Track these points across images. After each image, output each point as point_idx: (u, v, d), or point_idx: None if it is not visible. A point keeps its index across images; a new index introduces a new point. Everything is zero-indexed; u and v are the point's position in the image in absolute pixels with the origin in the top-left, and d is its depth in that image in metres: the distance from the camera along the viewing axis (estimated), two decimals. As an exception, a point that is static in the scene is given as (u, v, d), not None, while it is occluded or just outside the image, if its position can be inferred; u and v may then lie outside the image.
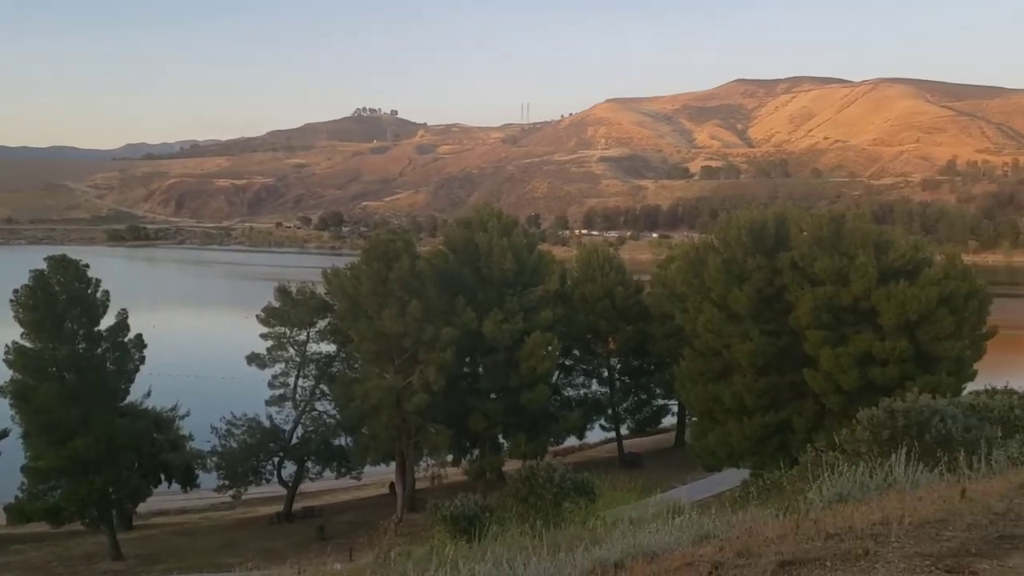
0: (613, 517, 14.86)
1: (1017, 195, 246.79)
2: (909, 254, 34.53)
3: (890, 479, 7.31)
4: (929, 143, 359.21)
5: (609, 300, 50.00)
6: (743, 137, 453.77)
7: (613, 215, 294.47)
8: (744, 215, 38.49)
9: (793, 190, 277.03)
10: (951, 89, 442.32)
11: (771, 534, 5.18)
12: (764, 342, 34.73)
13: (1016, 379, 30.39)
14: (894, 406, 11.56)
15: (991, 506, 4.76)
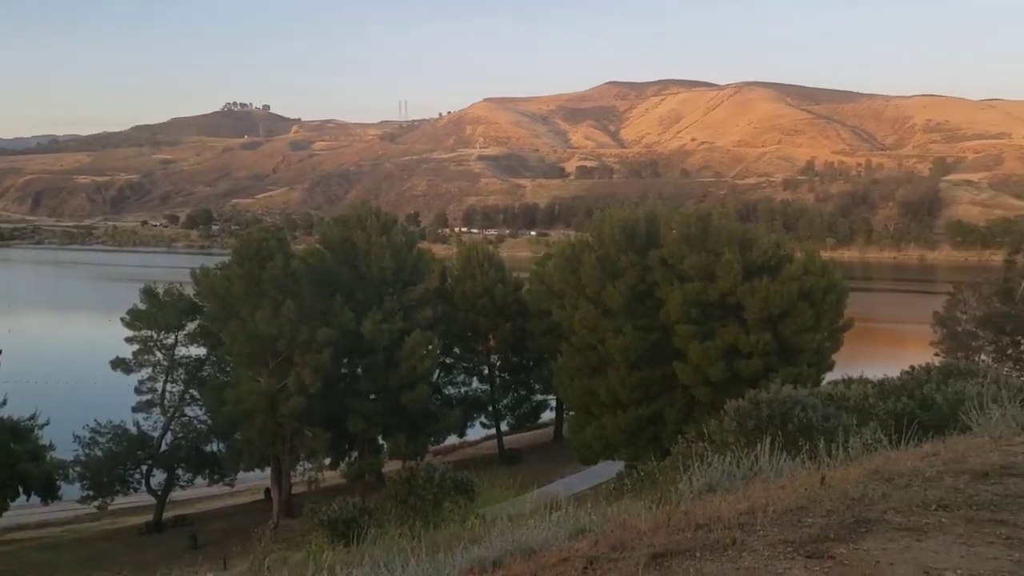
0: (493, 514, 14.92)
1: (870, 194, 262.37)
2: (771, 251, 36.06)
3: (756, 468, 7.56)
4: (789, 145, 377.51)
5: (489, 298, 50.22)
6: (616, 138, 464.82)
7: (492, 213, 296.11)
8: (617, 214, 39.36)
9: (663, 190, 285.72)
10: (810, 93, 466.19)
11: (644, 526, 5.28)
12: (637, 337, 35.62)
13: (870, 369, 32.22)
14: (759, 397, 12.05)
15: (848, 492, 5.00)
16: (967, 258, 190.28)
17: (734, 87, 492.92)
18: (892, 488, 5.05)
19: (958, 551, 3.99)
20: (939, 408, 12.78)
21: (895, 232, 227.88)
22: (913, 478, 5.24)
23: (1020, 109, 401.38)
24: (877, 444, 7.92)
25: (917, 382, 14.92)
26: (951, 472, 5.30)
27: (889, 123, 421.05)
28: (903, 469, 5.54)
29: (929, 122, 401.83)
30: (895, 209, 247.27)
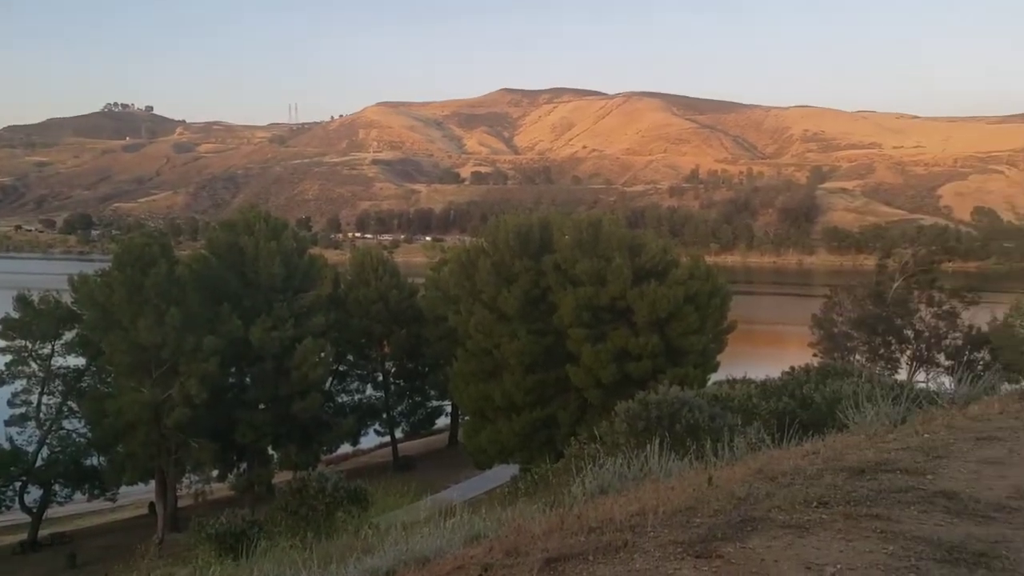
0: (387, 523, 14.74)
1: (751, 201, 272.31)
2: (659, 256, 36.96)
3: (646, 469, 7.69)
4: (675, 153, 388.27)
5: (383, 303, 49.68)
6: (510, 144, 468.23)
7: (387, 218, 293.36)
8: (511, 220, 39.59)
9: (556, 196, 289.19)
10: (694, 103, 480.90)
11: (538, 530, 5.29)
12: (531, 341, 35.90)
13: (753, 369, 33.42)
14: (648, 399, 12.30)
15: (734, 491, 5.14)
16: (842, 262, 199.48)
17: (623, 96, 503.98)
18: (776, 487, 5.22)
19: (837, 546, 4.15)
20: (818, 407, 13.33)
21: (775, 237, 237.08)
22: (795, 476, 5.43)
23: (890, 121, 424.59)
24: (761, 443, 8.19)
25: (797, 382, 15.53)
26: (830, 470, 5.52)
27: (769, 133, 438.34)
28: (786, 468, 5.74)
29: (806, 132, 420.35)
30: (775, 215, 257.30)
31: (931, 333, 50.27)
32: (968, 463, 5.57)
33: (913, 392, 9.10)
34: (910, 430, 6.84)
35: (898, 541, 4.18)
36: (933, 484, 5.09)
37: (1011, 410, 7.37)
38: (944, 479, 5.21)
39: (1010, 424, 6.73)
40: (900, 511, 4.61)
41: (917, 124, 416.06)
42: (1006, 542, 4.18)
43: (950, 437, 6.33)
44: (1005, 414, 7.21)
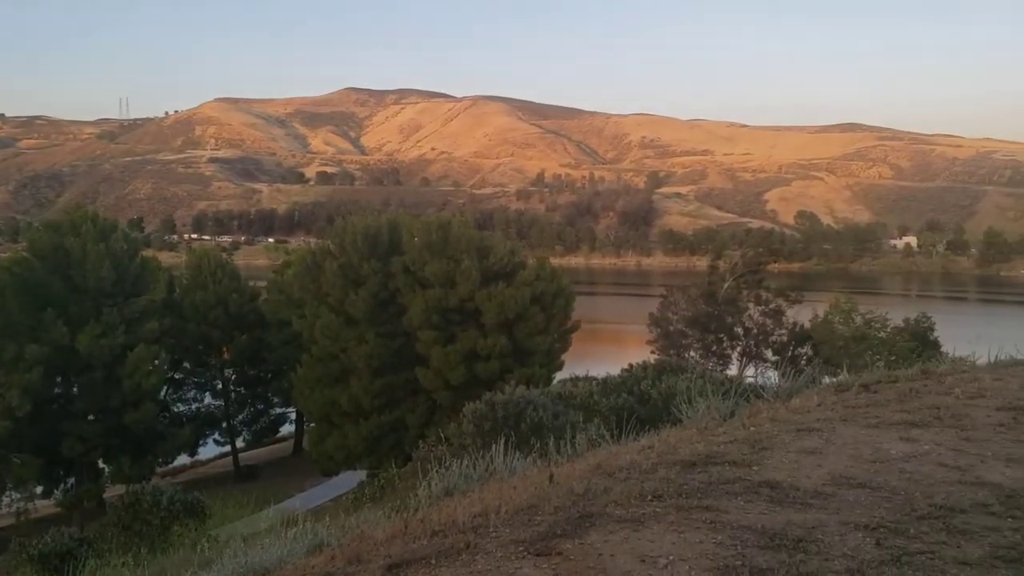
0: (226, 535, 14.21)
1: (594, 205, 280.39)
2: (507, 258, 37.48)
3: (491, 469, 7.74)
4: (522, 157, 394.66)
5: (223, 308, 47.79)
6: (357, 145, 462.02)
7: (226, 219, 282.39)
8: (359, 221, 39.11)
9: (404, 197, 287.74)
10: (539, 109, 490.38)
11: (381, 536, 5.23)
12: (380, 344, 35.57)
13: (595, 367, 34.40)
14: (494, 399, 12.42)
15: (573, 488, 5.25)
16: (678, 264, 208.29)
17: (470, 100, 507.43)
18: (613, 482, 5.37)
19: (670, 538, 4.32)
20: (655, 402, 13.87)
21: (616, 240, 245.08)
22: (631, 471, 5.61)
23: (721, 129, 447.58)
24: (601, 440, 8.40)
25: (635, 379, 16.11)
26: (664, 463, 5.74)
27: (609, 139, 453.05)
28: (623, 463, 5.92)
29: (644, 139, 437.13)
30: (615, 219, 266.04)
31: (759, 330, 53.28)
32: (789, 453, 5.92)
33: (741, 387, 9.59)
34: (738, 423, 7.21)
35: (726, 530, 4.39)
36: (758, 475, 5.39)
37: (828, 402, 7.91)
38: (768, 469, 5.52)
39: (827, 416, 7.21)
40: (728, 501, 4.85)
41: (745, 132, 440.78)
42: (822, 527, 4.48)
43: (774, 429, 6.71)
44: (823, 406, 7.72)
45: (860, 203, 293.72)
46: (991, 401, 7.77)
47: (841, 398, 8.10)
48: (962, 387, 8.29)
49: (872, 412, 7.23)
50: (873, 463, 5.68)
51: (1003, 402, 7.72)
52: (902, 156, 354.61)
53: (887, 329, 50.59)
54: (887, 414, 7.13)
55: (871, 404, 7.64)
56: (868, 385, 8.55)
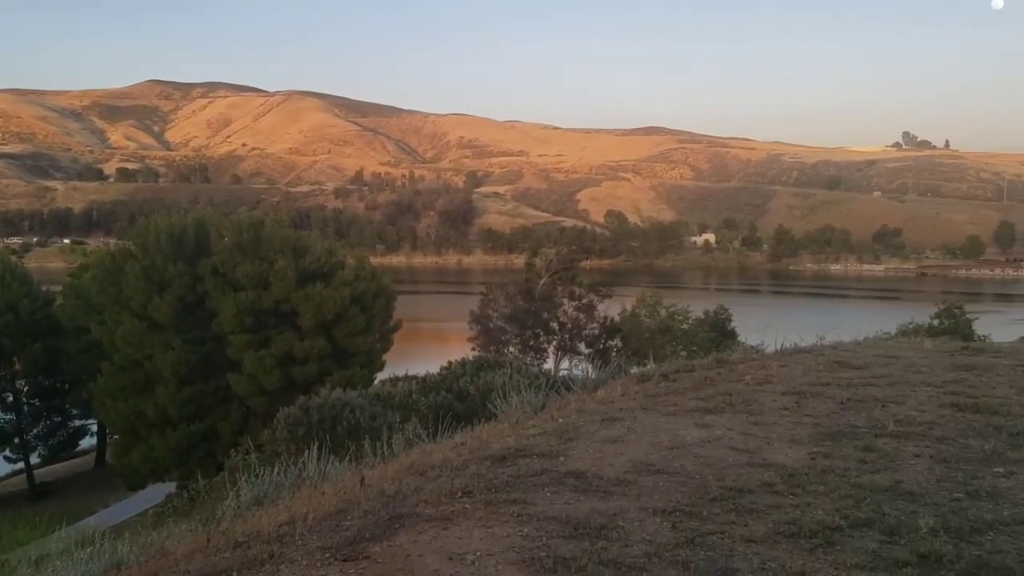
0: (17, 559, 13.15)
1: (414, 204, 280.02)
2: (324, 257, 36.72)
3: (304, 475, 7.56)
4: (339, 155, 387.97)
5: (13, 315, 44.00)
6: (161, 140, 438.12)
7: (15, 219, 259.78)
8: (164, 220, 37.11)
9: (214, 195, 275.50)
10: (357, 106, 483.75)
11: (183, 552, 4.99)
12: (188, 350, 33.93)
13: (416, 366, 34.35)
14: (309, 403, 12.14)
15: (384, 490, 5.21)
16: (496, 262, 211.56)
17: (283, 95, 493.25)
18: (425, 481, 5.38)
19: (479, 534, 4.37)
20: (472, 398, 14.02)
21: (436, 239, 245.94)
22: (443, 469, 5.64)
23: (535, 131, 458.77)
24: (417, 439, 8.39)
25: (454, 376, 16.22)
26: (475, 459, 5.80)
27: (428, 138, 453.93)
28: (435, 461, 5.94)
29: (462, 139, 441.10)
30: (436, 218, 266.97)
31: (573, 324, 54.96)
32: (594, 443, 6.15)
33: (552, 380, 9.85)
34: (548, 416, 7.41)
35: (532, 522, 4.50)
36: (564, 465, 5.56)
37: (631, 392, 8.28)
38: (574, 460, 5.70)
39: (629, 405, 7.55)
40: (535, 493, 4.97)
41: (559, 135, 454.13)
42: (623, 513, 4.68)
43: (580, 420, 6.95)
44: (626, 396, 8.08)
45: (664, 203, 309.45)
46: (777, 387, 8.40)
47: (643, 388, 8.49)
48: (752, 374, 8.91)
49: (671, 400, 7.64)
50: (671, 449, 5.99)
51: (788, 387, 8.37)
52: (701, 158, 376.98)
53: (689, 321, 53.65)
54: (684, 402, 7.55)
55: (670, 393, 8.06)
56: (667, 375, 9.02)
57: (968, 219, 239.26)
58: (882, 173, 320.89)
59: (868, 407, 7.52)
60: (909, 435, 6.63)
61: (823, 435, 6.54)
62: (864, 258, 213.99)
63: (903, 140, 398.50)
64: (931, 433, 6.71)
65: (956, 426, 6.96)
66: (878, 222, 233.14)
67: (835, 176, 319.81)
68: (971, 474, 5.67)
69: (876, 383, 8.69)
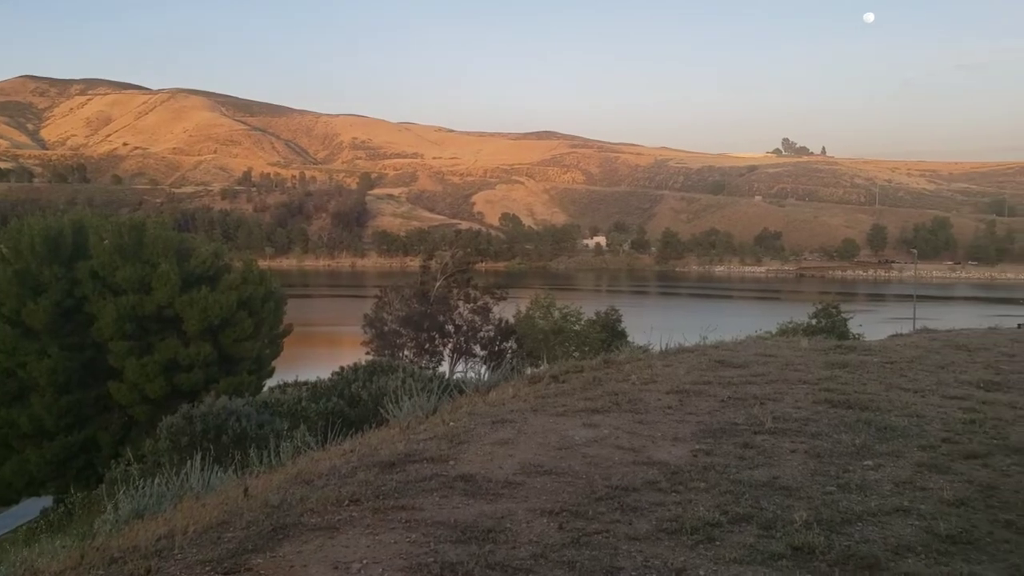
0: None
1: (305, 205, 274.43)
2: (210, 260, 35.61)
3: (186, 486, 7.34)
4: (226, 155, 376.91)
5: None
6: (35, 138, 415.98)
7: None
8: (38, 222, 35.24)
9: (93, 196, 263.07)
10: (245, 105, 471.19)
11: (55, 569, 4.76)
12: (65, 357, 32.32)
13: (308, 372, 33.72)
14: (192, 412, 11.76)
15: (268, 500, 5.10)
16: (391, 264, 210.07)
17: (168, 92, 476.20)
18: (311, 489, 5.29)
19: (365, 542, 4.33)
20: (365, 404, 13.85)
21: (329, 241, 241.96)
22: (331, 477, 5.56)
23: (430, 133, 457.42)
24: (305, 447, 8.25)
25: (346, 381, 15.97)
26: (364, 466, 5.75)
27: (320, 139, 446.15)
28: (323, 469, 5.85)
29: (355, 140, 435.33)
30: (328, 220, 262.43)
31: (468, 327, 55.09)
32: (484, 446, 6.18)
33: (445, 383, 9.85)
34: (439, 420, 7.40)
35: (420, 528, 4.49)
36: (454, 469, 5.57)
37: (522, 394, 8.36)
38: (463, 463, 5.72)
39: (520, 407, 7.62)
40: (424, 499, 4.96)
41: (453, 137, 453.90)
42: (511, 516, 4.72)
43: (471, 423, 6.97)
44: (517, 398, 8.15)
45: (557, 206, 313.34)
46: (662, 385, 8.63)
47: (534, 389, 8.59)
48: (638, 374, 9.13)
49: (560, 401, 7.75)
50: (559, 450, 6.08)
51: (671, 386, 8.61)
52: (592, 163, 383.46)
53: (582, 322, 54.50)
54: (573, 402, 7.67)
55: (560, 394, 8.18)
56: (557, 376, 9.14)
57: (843, 223, 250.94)
58: (763, 178, 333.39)
59: (747, 404, 7.81)
60: (786, 431, 6.92)
61: (705, 432, 6.76)
62: (746, 260, 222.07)
63: (782, 147, 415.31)
64: (806, 429, 7.02)
65: (829, 422, 7.30)
66: (759, 225, 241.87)
67: (719, 181, 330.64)
68: (843, 468, 5.96)
69: (755, 381, 9.04)
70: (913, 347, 12.35)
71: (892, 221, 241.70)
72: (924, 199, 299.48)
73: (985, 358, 11.36)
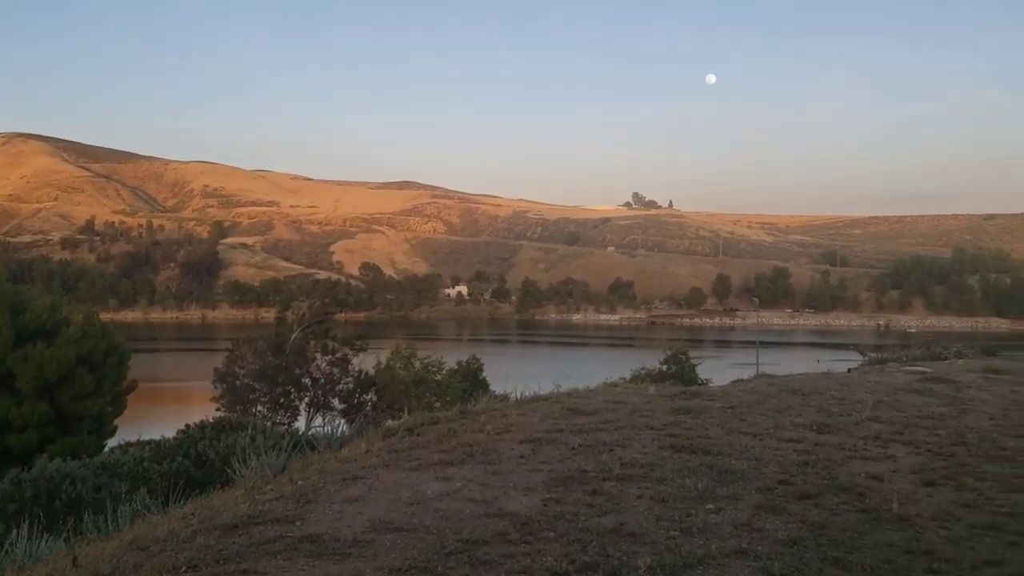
0: None
1: (153, 255, 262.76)
2: (47, 314, 33.52)
3: (12, 556, 6.84)
4: (68, 202, 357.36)
5: None
6: None
7: None
8: None
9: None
10: (88, 151, 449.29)
11: None
12: None
13: (152, 430, 31.99)
14: (22, 476, 10.95)
15: (99, 569, 4.82)
16: (245, 316, 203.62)
17: (3, 137, 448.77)
18: (146, 556, 5.03)
19: (200, 609, 4.15)
20: (212, 463, 13.24)
21: (178, 292, 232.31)
22: (168, 542, 5.31)
23: (286, 181, 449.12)
24: (145, 511, 7.84)
25: (192, 440, 15.26)
26: (204, 529, 5.52)
27: (169, 186, 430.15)
28: (161, 534, 5.58)
29: (207, 187, 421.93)
30: (177, 270, 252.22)
31: (326, 379, 53.73)
32: (334, 504, 6.06)
33: (296, 439, 9.61)
34: (287, 479, 7.20)
35: (262, 592, 4.34)
36: (300, 530, 5.42)
37: (375, 449, 8.25)
38: (311, 523, 5.58)
39: (372, 462, 7.52)
40: (267, 562, 4.81)
41: (311, 185, 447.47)
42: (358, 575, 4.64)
43: (321, 481, 6.82)
44: (370, 453, 8.04)
45: (418, 255, 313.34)
46: (516, 435, 8.73)
47: (388, 443, 8.50)
48: (493, 424, 9.20)
49: (414, 454, 7.70)
50: (411, 505, 6.04)
51: (525, 435, 8.72)
52: (453, 213, 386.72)
53: (443, 372, 54.26)
54: (427, 455, 7.64)
55: (414, 447, 8.13)
56: (412, 428, 9.09)
57: (690, 272, 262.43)
58: (615, 230, 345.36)
59: (597, 452, 8.00)
60: (632, 477, 7.13)
61: (556, 481, 6.87)
62: (601, 308, 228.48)
63: (633, 200, 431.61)
64: (652, 474, 7.26)
65: (674, 467, 7.58)
66: (613, 275, 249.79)
67: (574, 232, 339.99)
68: (686, 512, 6.19)
69: (605, 428, 9.28)
70: (753, 392, 13.00)
71: (735, 271, 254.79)
72: (764, 250, 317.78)
73: (818, 401, 12.10)
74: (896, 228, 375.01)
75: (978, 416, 11.34)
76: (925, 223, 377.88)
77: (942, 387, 13.98)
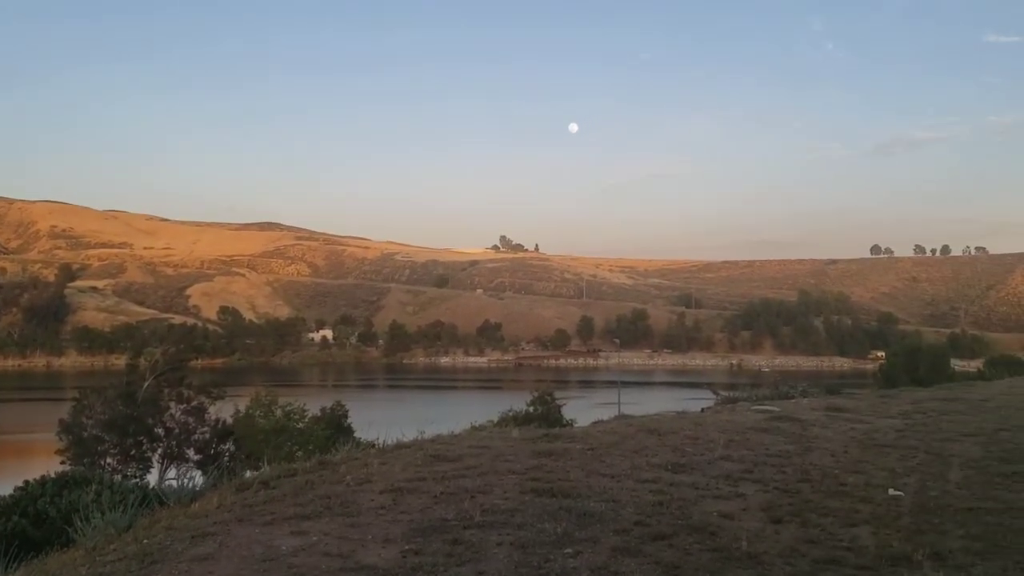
0: None
1: None
2: None
3: None
4: None
5: None
6: None
7: None
8: None
9: None
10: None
11: None
12: None
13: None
14: None
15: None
16: (94, 363, 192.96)
17: None
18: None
19: None
20: (53, 522, 12.42)
21: (20, 339, 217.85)
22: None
23: (140, 221, 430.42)
24: (-28, 579, 7.27)
25: (31, 497, 14.26)
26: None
27: (13, 227, 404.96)
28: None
29: (54, 228, 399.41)
30: (20, 315, 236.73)
31: (181, 429, 51.38)
32: (181, 564, 5.80)
33: (144, 494, 9.15)
34: (131, 537, 6.85)
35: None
36: (141, 593, 5.16)
37: (228, 503, 7.95)
38: (154, 585, 5.32)
39: (224, 518, 7.25)
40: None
41: (166, 226, 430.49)
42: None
43: (168, 539, 6.52)
44: (222, 508, 7.74)
45: (280, 298, 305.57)
46: (376, 485, 8.61)
47: (241, 497, 8.22)
48: (353, 474, 9.05)
49: (268, 509, 7.47)
50: (264, 562, 5.85)
51: (386, 485, 8.61)
52: (318, 255, 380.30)
53: (306, 419, 52.86)
54: (282, 509, 7.43)
55: (269, 500, 7.89)
56: (267, 481, 8.82)
57: (555, 314, 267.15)
58: (483, 272, 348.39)
59: (459, 499, 7.99)
60: (493, 524, 7.16)
61: (416, 531, 6.82)
62: (470, 351, 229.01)
63: (500, 243, 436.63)
64: (512, 520, 7.31)
65: (534, 511, 7.66)
66: (482, 317, 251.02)
67: (443, 275, 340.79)
68: (544, 557, 6.26)
69: (468, 474, 9.28)
70: (612, 433, 13.31)
71: (598, 313, 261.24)
72: (624, 292, 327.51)
73: (673, 441, 12.51)
74: (746, 272, 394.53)
75: (821, 454, 11.99)
76: (773, 267, 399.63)
77: (788, 425, 14.71)
